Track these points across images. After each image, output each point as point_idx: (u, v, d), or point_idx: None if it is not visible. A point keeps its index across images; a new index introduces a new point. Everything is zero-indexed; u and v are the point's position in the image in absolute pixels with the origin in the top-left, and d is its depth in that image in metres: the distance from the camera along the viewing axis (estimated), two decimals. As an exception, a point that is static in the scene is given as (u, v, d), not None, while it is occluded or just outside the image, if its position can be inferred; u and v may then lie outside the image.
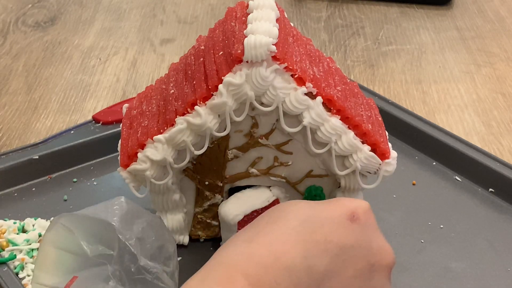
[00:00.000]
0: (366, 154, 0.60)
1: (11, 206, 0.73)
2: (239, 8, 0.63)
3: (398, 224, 0.71)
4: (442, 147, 0.79)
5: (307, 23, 1.17)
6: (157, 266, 0.56)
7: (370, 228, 0.52)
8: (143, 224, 0.58)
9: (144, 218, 0.58)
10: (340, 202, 0.53)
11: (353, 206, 0.52)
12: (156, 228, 0.59)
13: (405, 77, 1.01)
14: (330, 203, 0.53)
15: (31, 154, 0.77)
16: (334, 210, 0.51)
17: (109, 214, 0.57)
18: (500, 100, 0.95)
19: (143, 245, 0.56)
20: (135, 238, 0.56)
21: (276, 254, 0.47)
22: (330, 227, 0.50)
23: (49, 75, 1.00)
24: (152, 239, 0.57)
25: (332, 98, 0.59)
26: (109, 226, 0.55)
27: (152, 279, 0.56)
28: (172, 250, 0.59)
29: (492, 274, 0.65)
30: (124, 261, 0.55)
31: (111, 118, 0.83)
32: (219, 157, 0.62)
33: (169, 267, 0.58)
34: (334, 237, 0.50)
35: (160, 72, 1.01)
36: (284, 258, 0.47)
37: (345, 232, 0.50)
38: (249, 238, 0.49)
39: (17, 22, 1.16)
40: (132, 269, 0.55)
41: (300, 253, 0.48)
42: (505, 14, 1.21)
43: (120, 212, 0.57)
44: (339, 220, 0.50)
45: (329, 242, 0.49)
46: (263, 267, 0.47)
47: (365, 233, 0.51)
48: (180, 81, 0.62)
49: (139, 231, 0.57)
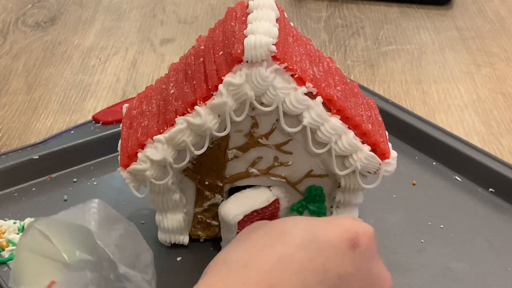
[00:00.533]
0: (366, 154, 0.60)
1: (11, 206, 0.73)
2: (239, 8, 0.63)
3: (398, 224, 0.71)
4: (442, 147, 0.79)
5: (307, 23, 1.17)
6: (137, 274, 0.55)
7: (371, 255, 0.50)
8: (121, 230, 0.56)
9: (121, 225, 0.57)
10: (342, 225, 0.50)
11: (355, 231, 0.50)
12: (133, 235, 0.57)
13: (405, 77, 1.01)
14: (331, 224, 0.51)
15: (31, 154, 0.77)
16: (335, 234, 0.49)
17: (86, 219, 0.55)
18: (500, 100, 0.95)
19: (122, 252, 0.55)
20: (113, 245, 0.54)
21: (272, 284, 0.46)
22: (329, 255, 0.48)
23: (49, 75, 1.00)
24: (130, 246, 0.56)
25: (332, 98, 0.59)
26: (87, 232, 0.54)
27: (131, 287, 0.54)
28: (149, 259, 0.57)
29: (492, 274, 0.65)
30: (103, 268, 0.54)
31: (111, 118, 0.83)
32: (219, 157, 0.62)
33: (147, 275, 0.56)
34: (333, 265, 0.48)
35: (160, 72, 1.01)
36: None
37: (345, 261, 0.49)
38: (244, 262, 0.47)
39: (17, 22, 1.16)
40: (111, 277, 0.53)
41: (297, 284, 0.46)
42: (505, 14, 1.21)
43: (97, 217, 0.56)
44: (339, 247, 0.49)
45: (327, 271, 0.48)
46: None
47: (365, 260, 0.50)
48: (180, 81, 0.62)
49: (117, 238, 0.56)
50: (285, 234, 0.49)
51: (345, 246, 0.49)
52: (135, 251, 0.57)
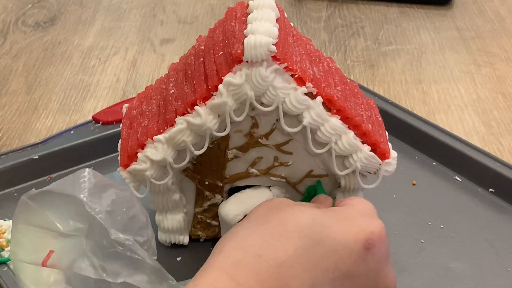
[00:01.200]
0: (366, 154, 0.60)
1: (11, 206, 0.72)
2: (239, 8, 0.63)
3: (398, 224, 0.71)
4: (442, 147, 0.79)
5: (307, 23, 1.17)
6: (129, 238, 0.56)
7: (382, 256, 0.51)
8: (112, 196, 0.57)
9: (113, 190, 0.58)
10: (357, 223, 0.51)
11: (370, 231, 0.50)
12: (126, 199, 0.58)
13: (405, 77, 1.01)
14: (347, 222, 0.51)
15: (31, 154, 0.77)
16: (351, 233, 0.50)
17: (76, 188, 0.56)
18: (500, 100, 0.95)
19: (114, 217, 0.56)
20: (104, 212, 0.55)
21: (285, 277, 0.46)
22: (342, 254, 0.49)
23: (49, 75, 1.00)
24: (122, 210, 0.57)
25: (332, 98, 0.59)
26: (77, 201, 0.55)
27: (125, 251, 0.55)
28: (144, 220, 0.58)
29: (492, 274, 0.65)
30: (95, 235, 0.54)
31: (111, 118, 0.83)
32: (219, 157, 0.62)
33: (142, 237, 0.57)
34: (345, 265, 0.48)
35: (160, 72, 1.01)
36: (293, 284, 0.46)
37: (357, 262, 0.49)
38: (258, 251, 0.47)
39: (17, 22, 1.16)
40: (104, 243, 0.54)
41: (307, 281, 0.47)
42: (505, 14, 1.21)
43: (87, 185, 0.57)
44: (353, 247, 0.49)
45: (338, 270, 0.48)
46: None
47: (376, 262, 0.50)
48: (180, 81, 0.62)
49: (109, 204, 0.56)
50: (302, 227, 0.49)
51: (360, 247, 0.49)
52: (127, 215, 0.57)
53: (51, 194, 0.56)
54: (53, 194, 0.56)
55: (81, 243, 0.54)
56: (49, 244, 0.55)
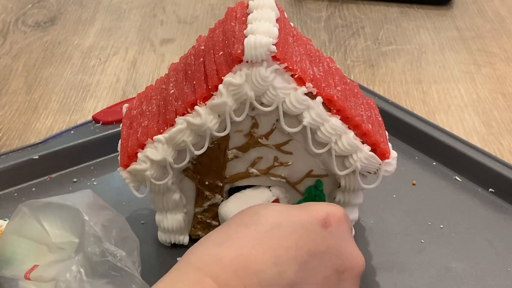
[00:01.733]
0: (366, 154, 0.60)
1: (11, 206, 0.72)
2: (239, 8, 0.63)
3: (398, 224, 0.71)
4: (442, 147, 0.79)
5: (307, 23, 1.17)
6: (120, 251, 0.56)
7: (342, 234, 0.52)
8: (108, 215, 0.58)
9: (109, 212, 0.59)
10: (313, 208, 0.53)
11: (326, 212, 0.52)
12: (121, 222, 0.59)
13: (405, 77, 1.01)
14: (303, 208, 0.53)
15: (31, 154, 0.77)
16: (307, 215, 0.51)
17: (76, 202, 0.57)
18: (500, 100, 0.95)
19: (108, 232, 0.56)
20: (100, 225, 0.56)
21: (246, 259, 0.47)
22: (301, 233, 0.50)
23: (49, 75, 1.00)
24: (117, 230, 0.57)
25: (332, 98, 0.59)
26: (75, 212, 0.56)
27: (116, 261, 0.55)
28: (135, 245, 0.59)
29: (492, 274, 0.65)
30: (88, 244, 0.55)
31: (111, 118, 0.83)
32: (219, 157, 0.62)
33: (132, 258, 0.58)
34: (305, 243, 0.50)
35: (160, 72, 1.01)
36: (254, 264, 0.47)
37: (316, 239, 0.50)
38: (220, 240, 0.49)
39: (17, 22, 1.16)
40: (96, 252, 0.55)
41: (270, 259, 0.48)
42: (505, 14, 1.21)
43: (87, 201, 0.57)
44: (310, 226, 0.50)
45: (299, 249, 0.49)
46: (233, 272, 0.47)
47: (336, 240, 0.51)
48: (180, 81, 0.62)
49: (105, 220, 0.57)
50: (258, 216, 0.51)
51: (317, 226, 0.51)
52: (121, 235, 0.58)
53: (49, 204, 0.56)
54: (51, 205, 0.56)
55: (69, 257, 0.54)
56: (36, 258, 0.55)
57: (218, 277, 0.46)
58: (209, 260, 0.48)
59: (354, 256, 0.53)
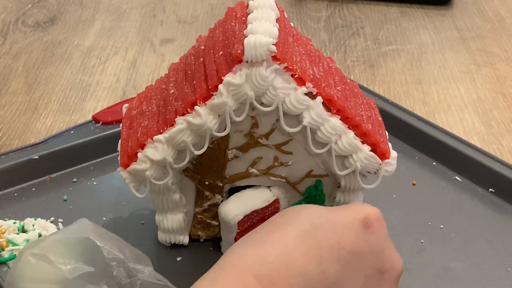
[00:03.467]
0: (366, 154, 0.60)
1: (11, 206, 0.73)
2: (239, 8, 0.63)
3: (398, 224, 0.71)
4: (442, 147, 0.79)
5: (307, 23, 1.17)
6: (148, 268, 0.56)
7: (382, 235, 0.52)
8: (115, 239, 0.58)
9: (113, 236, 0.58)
10: (353, 208, 0.52)
11: (366, 213, 0.51)
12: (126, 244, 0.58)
13: (405, 77, 1.01)
14: (343, 209, 0.53)
15: (31, 154, 0.77)
16: (348, 215, 0.51)
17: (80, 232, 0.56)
18: (500, 100, 0.95)
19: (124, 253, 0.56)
20: (116, 248, 0.55)
21: (290, 257, 0.47)
22: (343, 233, 0.50)
23: (49, 75, 1.00)
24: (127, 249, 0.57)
25: (332, 98, 0.59)
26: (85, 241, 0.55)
27: (148, 278, 0.55)
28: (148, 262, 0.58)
29: (492, 274, 0.65)
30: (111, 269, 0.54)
31: (111, 118, 0.83)
32: (219, 157, 0.62)
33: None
34: (347, 243, 0.49)
35: (160, 72, 1.01)
36: (298, 262, 0.47)
37: (358, 239, 0.50)
38: (262, 239, 0.49)
39: (17, 22, 1.16)
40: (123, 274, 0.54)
41: (313, 258, 0.48)
42: (505, 14, 1.21)
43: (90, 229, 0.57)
44: (352, 226, 0.50)
45: (342, 249, 0.49)
46: (276, 270, 0.46)
47: (377, 240, 0.51)
48: (180, 81, 0.62)
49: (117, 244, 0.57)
50: (300, 215, 0.50)
51: (358, 226, 0.50)
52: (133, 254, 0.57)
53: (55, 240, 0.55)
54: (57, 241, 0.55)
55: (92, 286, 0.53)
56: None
57: (261, 275, 0.46)
58: (251, 259, 0.47)
59: (394, 257, 0.52)
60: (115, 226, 0.70)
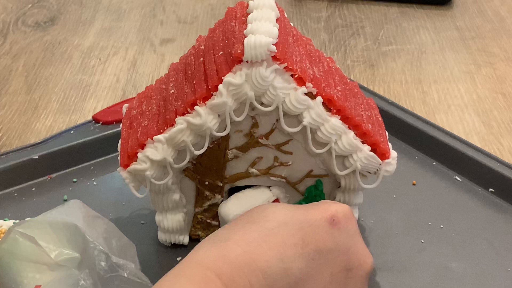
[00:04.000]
0: (366, 154, 0.60)
1: (11, 206, 0.73)
2: (239, 8, 0.63)
3: (398, 224, 0.71)
4: (442, 147, 0.79)
5: (307, 23, 1.17)
6: (129, 264, 0.56)
7: (350, 232, 0.52)
8: (103, 225, 0.57)
9: (101, 220, 0.58)
10: (320, 206, 0.53)
11: (334, 210, 0.52)
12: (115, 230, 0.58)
13: (405, 77, 1.01)
14: (310, 207, 0.53)
15: (31, 154, 0.77)
16: (314, 213, 0.51)
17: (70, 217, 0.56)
18: (500, 100, 0.95)
19: (109, 243, 0.56)
20: (101, 238, 0.55)
21: (251, 255, 0.47)
22: (308, 230, 0.50)
23: (49, 75, 1.00)
24: (115, 238, 0.57)
25: (332, 98, 0.59)
26: (74, 228, 0.55)
27: (128, 275, 0.55)
28: (134, 251, 0.58)
29: (492, 274, 0.65)
30: (94, 261, 0.54)
31: (111, 118, 0.83)
32: (219, 157, 0.62)
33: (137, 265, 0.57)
34: (312, 240, 0.49)
35: (160, 72, 1.01)
36: (260, 260, 0.47)
37: (324, 236, 0.50)
38: (226, 237, 0.49)
39: (17, 22, 1.16)
40: (104, 267, 0.54)
41: (276, 256, 0.48)
42: (505, 14, 1.21)
43: (79, 213, 0.56)
44: (318, 224, 0.50)
45: (306, 246, 0.49)
46: (238, 268, 0.47)
47: (344, 237, 0.51)
48: (180, 81, 0.62)
49: (103, 231, 0.57)
50: (266, 214, 0.51)
51: (325, 223, 0.51)
52: (120, 243, 0.57)
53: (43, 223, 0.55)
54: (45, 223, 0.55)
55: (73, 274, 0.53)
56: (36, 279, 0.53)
57: (222, 273, 0.46)
58: (214, 256, 0.47)
59: (362, 254, 0.52)
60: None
